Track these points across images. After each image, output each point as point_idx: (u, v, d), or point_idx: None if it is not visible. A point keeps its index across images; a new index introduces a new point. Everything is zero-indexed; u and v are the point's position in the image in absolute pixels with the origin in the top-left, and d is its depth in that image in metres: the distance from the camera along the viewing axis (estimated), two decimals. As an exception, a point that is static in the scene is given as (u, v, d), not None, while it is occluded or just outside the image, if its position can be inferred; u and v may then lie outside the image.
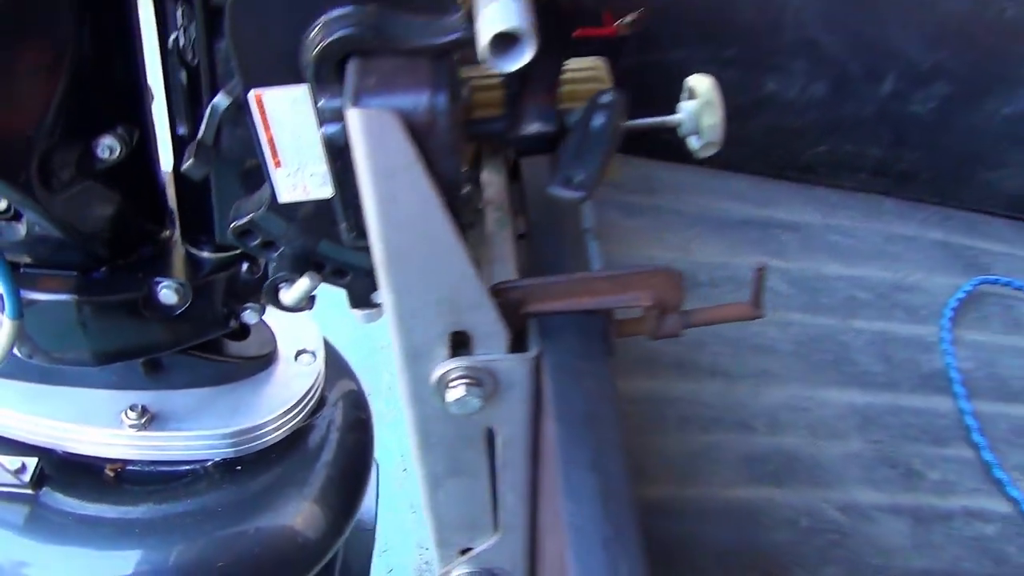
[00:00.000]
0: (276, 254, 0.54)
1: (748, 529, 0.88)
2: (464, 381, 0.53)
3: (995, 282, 1.22)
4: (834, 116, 1.23)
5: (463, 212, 0.52)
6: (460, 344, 0.53)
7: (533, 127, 0.49)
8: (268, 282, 0.55)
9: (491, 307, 0.50)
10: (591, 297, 0.53)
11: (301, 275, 0.54)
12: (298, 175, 0.50)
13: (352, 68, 0.42)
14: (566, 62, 0.62)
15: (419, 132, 0.42)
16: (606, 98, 0.49)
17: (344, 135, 0.43)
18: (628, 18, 0.63)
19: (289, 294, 0.55)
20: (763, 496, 0.91)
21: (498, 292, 0.53)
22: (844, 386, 1.04)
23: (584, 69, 0.68)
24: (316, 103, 0.45)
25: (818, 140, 1.26)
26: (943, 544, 0.91)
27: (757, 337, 1.07)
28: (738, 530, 0.87)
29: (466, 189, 0.60)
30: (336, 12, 0.43)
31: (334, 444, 0.79)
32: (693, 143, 0.73)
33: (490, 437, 0.60)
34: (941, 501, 0.95)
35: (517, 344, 0.55)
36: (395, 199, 0.44)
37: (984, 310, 1.19)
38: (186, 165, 0.51)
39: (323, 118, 0.44)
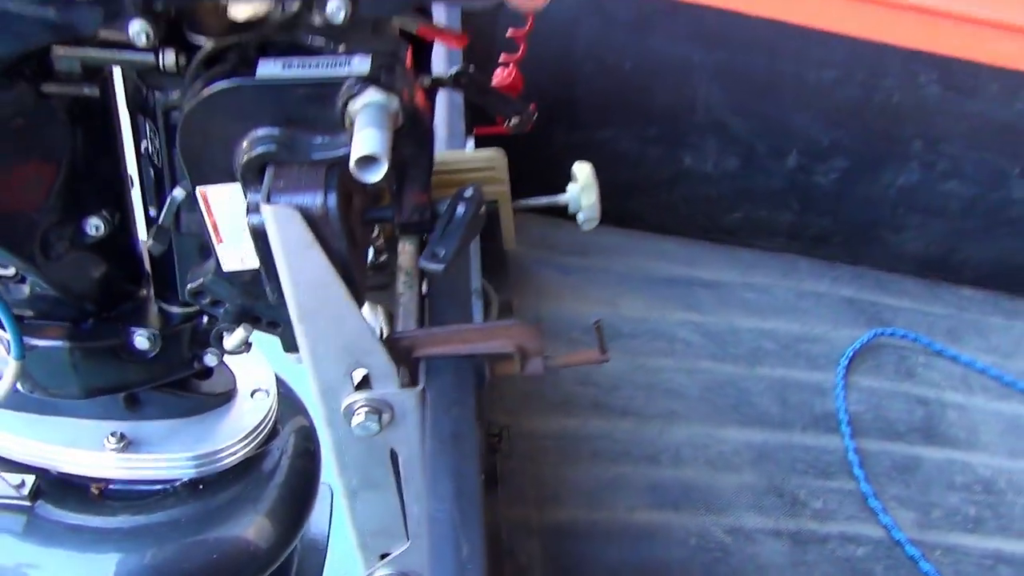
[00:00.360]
0: (222, 310, 0.69)
1: (644, 548, 1.01)
2: (365, 410, 0.67)
3: (892, 334, 1.36)
4: (746, 186, 1.38)
5: (373, 275, 0.68)
6: (364, 381, 0.68)
7: (411, 216, 0.64)
8: (214, 330, 0.70)
9: (382, 352, 0.65)
10: (465, 344, 0.68)
11: (238, 326, 0.69)
12: (236, 250, 0.65)
13: (268, 173, 0.58)
14: (468, 153, 0.78)
15: (314, 222, 0.57)
16: (468, 192, 0.64)
17: (262, 222, 0.58)
18: (514, 120, 0.78)
19: (230, 340, 0.71)
20: (661, 520, 1.04)
21: (394, 340, 0.68)
22: (743, 426, 1.17)
23: (482, 160, 0.84)
24: (245, 197, 0.60)
25: (734, 207, 1.41)
26: (817, 563, 1.03)
27: (667, 382, 1.21)
28: (635, 549, 1.00)
29: (383, 257, 0.75)
30: (259, 132, 0.59)
31: (284, 468, 0.94)
32: (579, 218, 0.89)
33: (395, 457, 0.74)
34: (820, 526, 1.08)
35: (412, 380, 0.69)
36: (301, 271, 0.59)
37: (879, 359, 1.33)
38: (149, 243, 0.66)
39: (249, 209, 0.59)
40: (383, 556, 0.82)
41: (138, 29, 0.52)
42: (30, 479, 0.84)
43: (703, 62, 1.27)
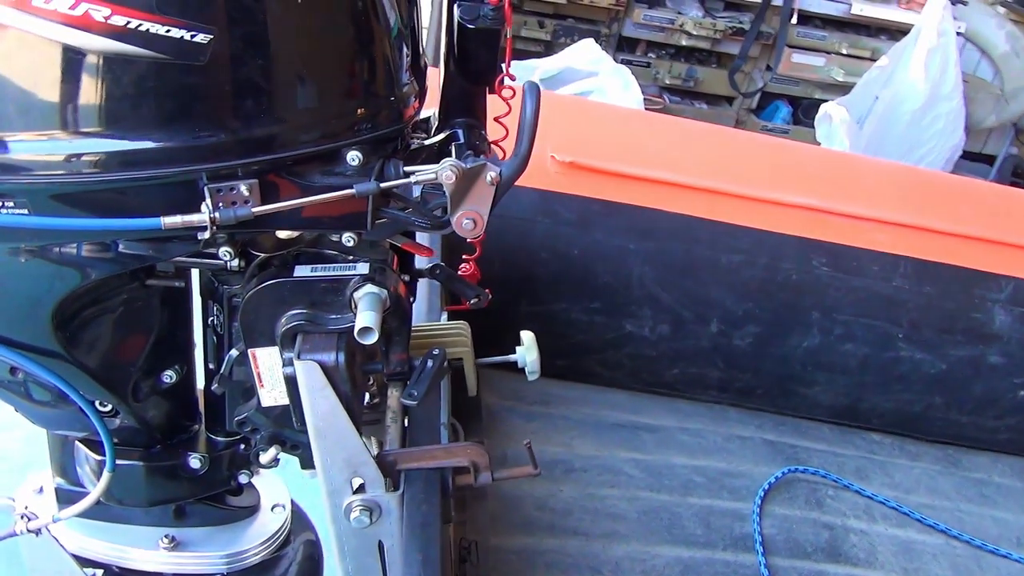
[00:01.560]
0: (259, 435, 0.96)
1: (586, 642, 1.22)
2: (360, 508, 0.92)
3: (804, 471, 1.60)
4: (678, 347, 1.65)
5: (369, 412, 0.94)
6: (360, 488, 0.93)
7: (395, 368, 0.92)
8: (252, 450, 0.96)
9: (373, 466, 0.91)
10: (433, 460, 0.94)
11: (270, 447, 0.95)
12: (272, 392, 0.92)
13: (299, 340, 0.85)
14: (441, 324, 1.06)
15: (328, 372, 0.84)
16: (435, 352, 0.92)
17: (293, 372, 0.85)
18: (474, 300, 1.06)
19: (264, 457, 0.96)
20: (600, 619, 1.25)
21: (382, 456, 0.93)
22: (673, 544, 1.40)
23: (451, 328, 1.12)
24: (282, 356, 0.87)
25: (671, 364, 1.68)
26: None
27: (611, 508, 1.44)
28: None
29: (376, 400, 1.02)
30: (293, 311, 0.86)
31: (294, 571, 1.16)
32: (526, 370, 1.16)
33: (382, 548, 0.98)
34: (733, 627, 1.29)
35: (395, 486, 0.94)
36: (318, 405, 0.86)
37: (792, 492, 1.56)
38: (214, 386, 0.93)
39: (284, 363, 0.86)
40: (372, 635, 1.04)
41: (224, 251, 0.81)
42: (99, 572, 1.07)
43: (636, 249, 1.57)
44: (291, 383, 0.85)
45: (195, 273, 0.94)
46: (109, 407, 0.97)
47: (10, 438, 1.14)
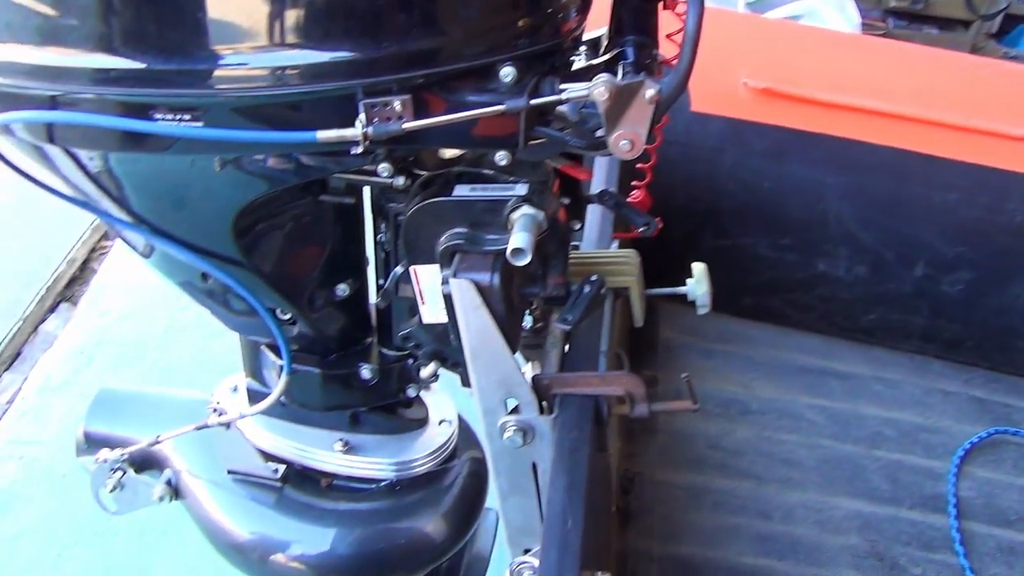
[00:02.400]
0: (422, 351, 0.98)
1: (747, 586, 1.18)
2: (513, 428, 0.93)
3: (1016, 432, 1.45)
4: (877, 291, 1.53)
5: (530, 336, 0.95)
6: (515, 409, 0.94)
7: (552, 292, 0.90)
8: (413, 363, 0.99)
9: (527, 387, 0.91)
10: (588, 387, 0.92)
11: (430, 363, 0.98)
12: (433, 309, 0.94)
13: (456, 259, 0.86)
14: (610, 251, 1.04)
15: (483, 292, 0.84)
16: (593, 278, 0.90)
17: (450, 290, 0.86)
18: (642, 228, 1.02)
19: (424, 372, 0.99)
20: (765, 565, 1.21)
21: (537, 379, 0.93)
22: (854, 497, 1.32)
23: (618, 256, 1.09)
24: (441, 274, 0.89)
25: (868, 309, 1.57)
26: (905, 619, 1.16)
27: (788, 453, 1.37)
28: (739, 586, 1.18)
29: (539, 324, 1.02)
30: (453, 231, 0.87)
31: (459, 484, 1.20)
32: (697, 304, 1.11)
33: (536, 470, 0.98)
34: (914, 590, 1.20)
35: (549, 410, 0.94)
36: (472, 325, 0.86)
37: (999, 454, 1.42)
38: (377, 300, 0.96)
39: (443, 281, 0.88)
40: (526, 551, 1.06)
41: (383, 167, 0.82)
42: (282, 467, 1.15)
43: (834, 183, 1.46)
44: (448, 301, 0.86)
45: (366, 191, 0.97)
46: (288, 315, 1.02)
47: (220, 344, 1.24)
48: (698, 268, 1.10)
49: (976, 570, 1.22)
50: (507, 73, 0.73)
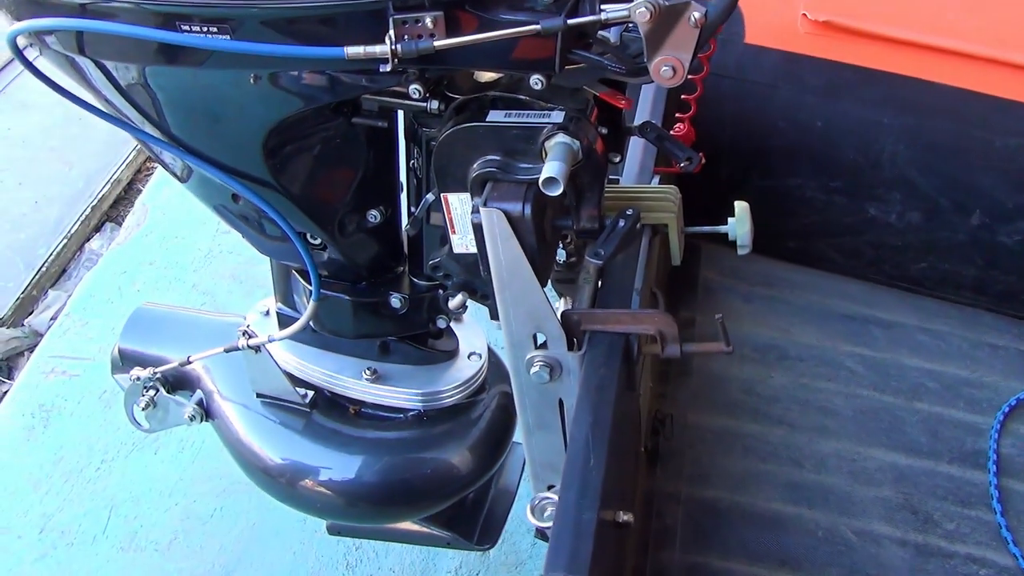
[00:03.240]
0: (451, 282, 0.97)
1: (774, 533, 1.16)
2: (540, 363, 0.91)
3: (1064, 391, 1.41)
4: (929, 239, 1.48)
5: (564, 271, 0.92)
6: (543, 345, 0.92)
7: (585, 225, 0.88)
8: (443, 293, 0.97)
9: (556, 322, 0.88)
10: (618, 324, 0.90)
11: (459, 294, 0.96)
12: (463, 239, 0.92)
13: (488, 187, 0.83)
14: (650, 186, 1.01)
15: (514, 222, 0.81)
16: (629, 212, 0.87)
17: (480, 219, 0.84)
18: (684, 163, 0.99)
19: (453, 302, 0.98)
20: (794, 512, 1.19)
21: (567, 315, 0.91)
22: (890, 449, 1.29)
23: (658, 191, 1.06)
24: (472, 202, 0.86)
25: (918, 258, 1.51)
26: (935, 573, 1.14)
27: (824, 402, 1.34)
28: (765, 531, 1.16)
29: (573, 259, 1.00)
30: (486, 159, 0.84)
31: (487, 417, 1.19)
32: (737, 244, 1.08)
33: (562, 407, 0.97)
34: (948, 544, 1.17)
35: (578, 346, 0.92)
36: (502, 256, 0.84)
37: (1046, 412, 1.38)
38: (406, 227, 0.94)
39: (473, 210, 0.85)
40: (550, 487, 1.05)
41: (414, 88, 0.80)
42: (311, 393, 1.15)
43: (891, 124, 1.39)
44: (478, 230, 0.84)
45: (399, 114, 0.94)
46: (318, 240, 1.01)
47: (261, 267, 1.24)
48: (740, 207, 1.06)
49: (1012, 528, 1.19)
50: (544, -10, 0.70)
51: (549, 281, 0.93)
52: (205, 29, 0.72)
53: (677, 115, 1.06)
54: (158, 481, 1.81)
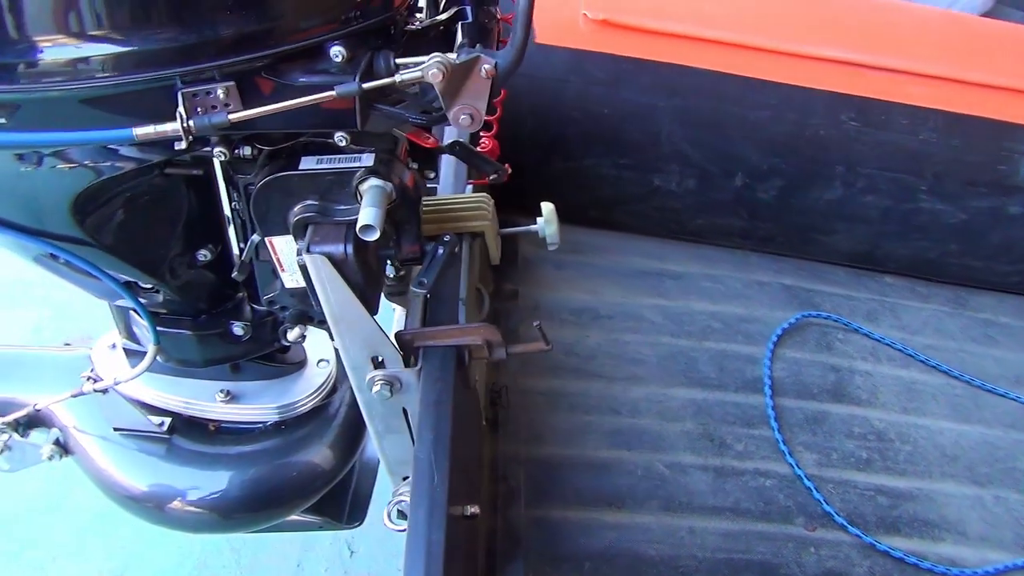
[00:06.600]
0: (286, 313, 0.87)
1: (603, 476, 1.16)
2: (381, 382, 0.84)
3: (817, 315, 1.48)
4: (704, 199, 1.49)
5: (394, 284, 0.84)
6: (381, 362, 0.85)
7: (406, 255, 0.80)
8: (280, 327, 0.88)
9: (391, 345, 0.81)
10: (449, 338, 0.84)
11: (296, 325, 0.87)
12: (293, 275, 0.82)
13: (308, 231, 0.74)
14: (465, 196, 0.94)
15: (338, 264, 0.73)
16: (447, 238, 0.80)
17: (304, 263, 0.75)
18: (492, 176, 0.92)
19: (291, 335, 0.88)
20: (617, 456, 1.19)
21: (400, 335, 0.84)
22: (688, 387, 1.31)
23: (473, 201, 0.99)
24: (296, 244, 0.77)
25: (696, 215, 1.53)
26: (732, 491, 1.17)
27: (633, 353, 1.35)
28: (596, 477, 1.15)
29: (402, 272, 0.91)
30: (304, 203, 0.75)
31: (342, 414, 1.11)
32: (547, 241, 1.03)
33: (407, 412, 0.91)
34: (739, 463, 1.21)
35: (414, 362, 0.86)
36: (331, 294, 0.76)
37: (804, 336, 1.44)
38: (234, 274, 0.84)
39: (298, 253, 0.76)
40: (405, 478, 0.99)
41: (219, 151, 0.68)
42: (167, 420, 1.03)
43: (665, 106, 1.38)
44: (304, 271, 0.75)
45: (215, 161, 0.82)
46: (149, 284, 0.89)
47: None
48: (547, 208, 1.02)
49: (787, 440, 1.24)
50: (337, 53, 0.60)
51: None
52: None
53: (481, 133, 1.00)
54: (36, 500, 1.62)
